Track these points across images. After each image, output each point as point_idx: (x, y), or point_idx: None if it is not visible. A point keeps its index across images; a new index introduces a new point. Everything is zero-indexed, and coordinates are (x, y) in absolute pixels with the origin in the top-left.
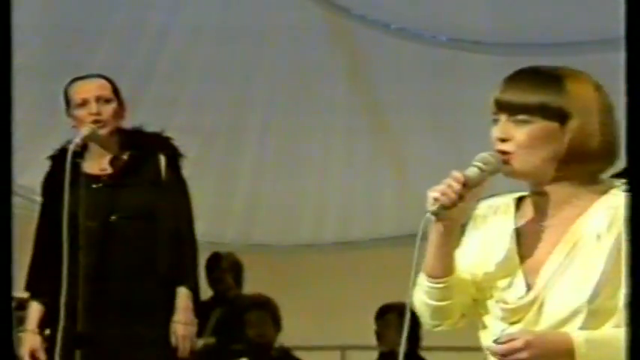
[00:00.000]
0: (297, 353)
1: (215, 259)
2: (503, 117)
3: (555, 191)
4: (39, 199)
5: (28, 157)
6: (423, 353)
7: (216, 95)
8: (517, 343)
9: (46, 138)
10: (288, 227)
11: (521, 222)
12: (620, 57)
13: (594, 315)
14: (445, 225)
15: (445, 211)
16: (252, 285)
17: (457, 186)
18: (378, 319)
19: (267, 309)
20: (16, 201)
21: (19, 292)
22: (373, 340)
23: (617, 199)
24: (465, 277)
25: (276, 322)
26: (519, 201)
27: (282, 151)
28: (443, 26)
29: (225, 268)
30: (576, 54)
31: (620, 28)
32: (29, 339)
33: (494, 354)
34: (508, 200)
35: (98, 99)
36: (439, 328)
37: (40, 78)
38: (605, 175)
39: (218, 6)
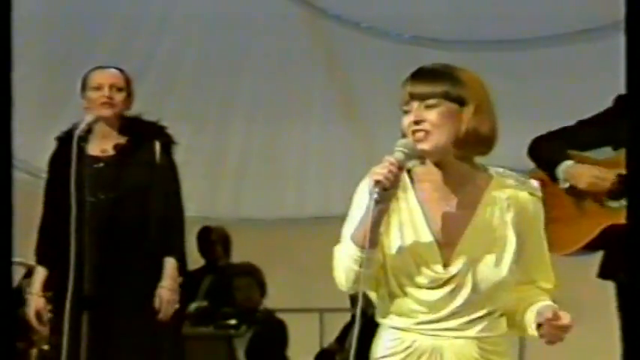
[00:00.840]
0: (280, 315)
1: (205, 232)
2: (415, 104)
3: (456, 170)
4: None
5: (40, 142)
6: None
7: (207, 86)
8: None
9: (53, 124)
10: (273, 203)
11: (423, 195)
12: (552, 52)
13: (503, 286)
14: (384, 205)
15: (386, 193)
16: (240, 255)
17: (395, 169)
18: None
19: (253, 276)
20: (28, 179)
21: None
22: (347, 304)
23: (515, 190)
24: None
25: (261, 288)
26: (409, 174)
27: (267, 135)
28: (406, 25)
29: (215, 239)
30: (517, 50)
31: (554, 27)
32: (34, 301)
33: (553, 323)
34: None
35: (112, 86)
36: (353, 292)
37: (46, 69)
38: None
39: (209, 7)
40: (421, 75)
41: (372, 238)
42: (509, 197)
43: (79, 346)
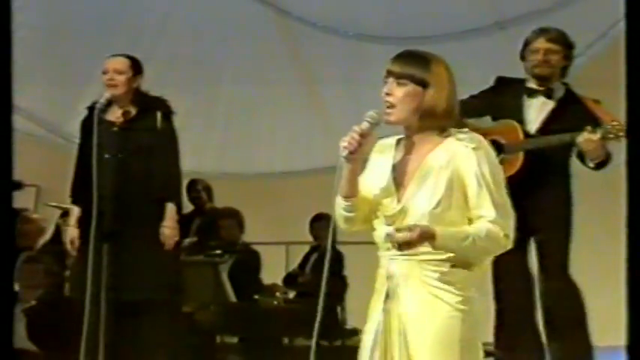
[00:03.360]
0: (255, 247)
1: (193, 183)
2: (390, 80)
3: (418, 136)
4: (77, 140)
5: (72, 111)
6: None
7: (200, 71)
8: (417, 231)
9: (80, 98)
10: (249, 161)
11: (397, 157)
12: (465, 46)
13: (436, 218)
14: (352, 165)
15: (351, 156)
16: (224, 201)
17: (357, 137)
18: (312, 223)
19: (234, 217)
20: (62, 143)
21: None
22: (307, 238)
23: (454, 144)
24: (363, 196)
25: (240, 226)
26: (398, 141)
27: (244, 108)
28: (352, 25)
29: (200, 189)
30: (438, 43)
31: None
32: (70, 231)
33: (394, 240)
34: (392, 141)
35: (114, 70)
36: (352, 230)
37: (78, 51)
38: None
39: (205, 10)
40: (400, 57)
41: (348, 190)
42: (448, 150)
43: (100, 269)
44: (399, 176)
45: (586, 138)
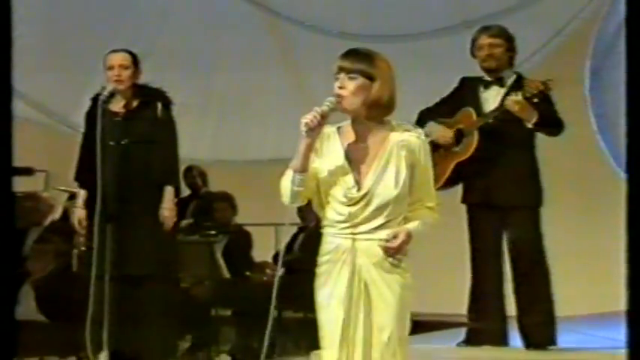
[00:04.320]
0: (247, 227)
1: (189, 169)
2: (342, 75)
3: (365, 125)
4: (82, 130)
5: (77, 102)
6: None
7: (196, 64)
8: (401, 237)
9: (84, 89)
10: (242, 149)
11: (346, 142)
12: (436, 43)
13: (399, 201)
14: (309, 140)
15: (311, 132)
16: (218, 185)
17: (319, 116)
18: (299, 206)
19: (228, 200)
20: (69, 132)
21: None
22: (295, 220)
23: (406, 134)
24: (311, 175)
25: (233, 209)
26: (338, 129)
27: (238, 101)
28: (335, 24)
29: (196, 174)
30: (412, 41)
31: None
32: (78, 212)
33: (389, 249)
34: (333, 129)
35: (120, 66)
36: (293, 205)
37: (84, 46)
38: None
39: (202, 9)
40: (348, 54)
41: (303, 164)
42: (403, 140)
43: (104, 247)
44: (355, 162)
45: (511, 100)
